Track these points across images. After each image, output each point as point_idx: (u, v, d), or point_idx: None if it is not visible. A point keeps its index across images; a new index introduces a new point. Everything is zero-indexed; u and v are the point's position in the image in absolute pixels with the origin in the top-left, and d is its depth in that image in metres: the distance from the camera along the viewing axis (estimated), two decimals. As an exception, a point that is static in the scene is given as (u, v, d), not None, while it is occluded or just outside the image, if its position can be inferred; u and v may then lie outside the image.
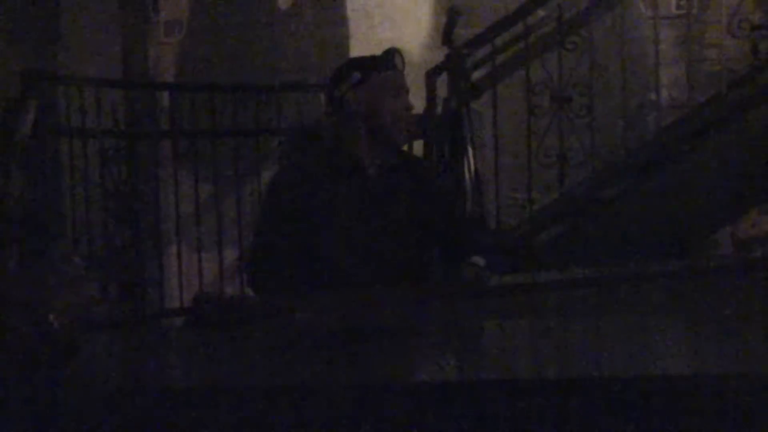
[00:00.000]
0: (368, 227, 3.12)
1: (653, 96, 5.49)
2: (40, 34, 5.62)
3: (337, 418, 1.60)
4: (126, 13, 6.04)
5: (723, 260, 5.06)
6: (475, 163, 4.79)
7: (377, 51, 3.28)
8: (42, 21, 5.65)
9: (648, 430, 1.54)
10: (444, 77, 5.06)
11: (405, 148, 4.39)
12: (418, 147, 5.06)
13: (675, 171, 5.01)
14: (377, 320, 2.59)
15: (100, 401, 1.67)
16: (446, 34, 4.90)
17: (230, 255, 5.51)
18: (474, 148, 4.81)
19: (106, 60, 5.76)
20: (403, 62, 3.28)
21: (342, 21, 5.97)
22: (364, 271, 3.07)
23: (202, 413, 1.65)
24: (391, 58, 3.24)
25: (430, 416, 1.58)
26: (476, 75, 5.22)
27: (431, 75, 5.12)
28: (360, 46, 5.85)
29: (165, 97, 5.80)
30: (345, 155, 3.19)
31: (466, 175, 4.74)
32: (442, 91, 5.08)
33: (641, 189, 5.07)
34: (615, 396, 1.57)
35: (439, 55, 5.16)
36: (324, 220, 3.10)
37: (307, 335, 2.38)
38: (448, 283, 3.21)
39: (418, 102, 5.25)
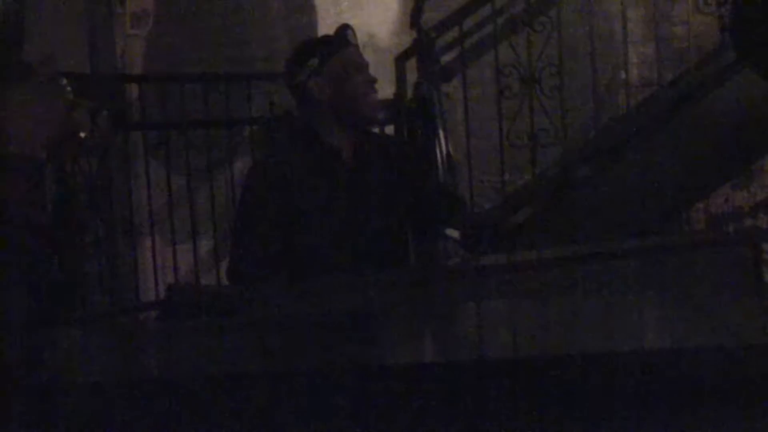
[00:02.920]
0: (347, 213, 3.10)
1: (623, 75, 5.50)
2: (3, 28, 5.57)
3: (315, 402, 1.60)
4: (92, 5, 6.00)
5: (696, 236, 5.09)
6: (447, 147, 4.80)
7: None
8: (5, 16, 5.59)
9: (624, 406, 1.55)
10: (413, 61, 5.06)
11: (377, 130, 4.40)
12: (389, 132, 5.05)
13: (646, 149, 5.03)
14: (353, 306, 2.59)
15: (79, 395, 1.66)
16: (414, 18, 4.91)
17: (204, 246, 5.50)
18: (445, 132, 4.82)
19: (73, 54, 5.72)
20: (356, 36, 3.21)
21: (310, 8, 5.95)
22: (346, 257, 3.05)
23: (178, 404, 1.65)
24: (344, 35, 3.17)
25: (407, 398, 1.59)
26: (445, 58, 5.22)
27: (400, 59, 5.12)
28: (329, 33, 5.83)
29: (134, 90, 5.76)
30: (318, 144, 3.14)
31: (439, 159, 4.75)
32: (411, 75, 5.08)
33: (613, 168, 5.08)
34: (590, 373, 1.58)
35: (407, 40, 5.17)
36: (304, 211, 3.07)
37: (283, 323, 2.38)
38: (424, 266, 3.21)
39: (388, 87, 5.26)
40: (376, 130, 5.02)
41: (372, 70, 3.24)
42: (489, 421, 1.57)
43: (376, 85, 3.21)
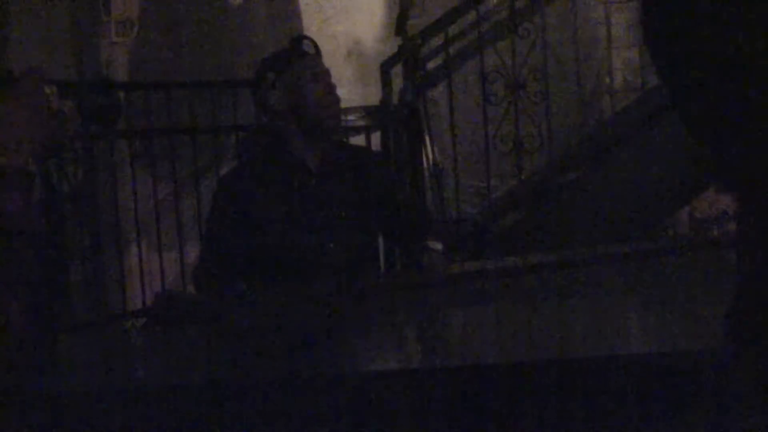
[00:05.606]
0: (312, 223, 3.12)
1: (607, 80, 5.52)
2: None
3: (300, 410, 1.61)
4: (77, 14, 6.00)
5: (682, 240, 5.11)
6: (433, 153, 4.81)
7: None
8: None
9: (612, 410, 1.56)
10: (399, 68, 5.07)
11: (348, 139, 4.43)
12: (375, 138, 5.07)
13: (631, 153, 5.05)
14: (334, 313, 2.60)
15: (71, 403, 1.66)
16: (399, 24, 4.92)
17: (191, 253, 5.49)
18: (431, 138, 4.83)
19: (58, 62, 5.72)
20: (316, 47, 3.24)
21: (295, 15, 5.95)
22: (310, 266, 3.08)
23: (166, 411, 1.65)
24: (298, 45, 3.22)
25: (394, 404, 1.59)
26: (431, 65, 5.23)
27: (386, 66, 5.13)
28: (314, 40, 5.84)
29: (120, 97, 5.75)
30: (283, 155, 3.19)
31: (424, 165, 4.76)
32: (397, 82, 5.09)
33: (598, 172, 5.10)
34: (580, 377, 1.59)
35: (393, 47, 5.17)
36: (268, 221, 3.11)
37: (265, 331, 2.38)
38: (407, 272, 3.22)
39: (374, 93, 5.27)
40: (363, 137, 5.05)
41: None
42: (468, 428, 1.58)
43: (346, 94, 3.25)
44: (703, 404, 1.55)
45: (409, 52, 4.89)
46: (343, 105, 3.31)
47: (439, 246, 3.16)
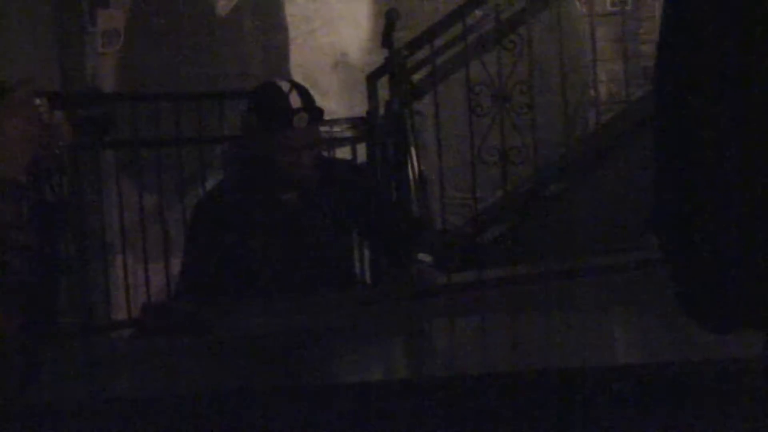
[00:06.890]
0: (286, 250, 3.11)
1: (592, 92, 5.54)
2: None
3: (292, 419, 1.61)
4: (62, 25, 5.99)
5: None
6: (419, 164, 4.82)
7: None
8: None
9: (599, 419, 1.57)
10: (385, 80, 5.08)
11: (334, 151, 4.41)
12: (361, 150, 5.08)
13: (616, 165, 5.06)
14: (323, 323, 2.61)
15: (61, 415, 1.66)
16: (385, 36, 4.93)
17: (176, 264, 5.47)
18: (417, 150, 4.84)
19: (44, 72, 5.71)
20: (315, 114, 3.07)
21: (281, 26, 5.96)
22: (287, 289, 3.06)
23: (154, 422, 1.66)
24: (286, 117, 3.03)
25: (381, 414, 1.60)
26: (417, 76, 5.24)
27: (372, 78, 5.14)
28: (300, 51, 5.85)
29: (112, 109, 5.74)
30: (255, 183, 3.16)
31: (410, 176, 4.77)
32: (383, 93, 5.10)
33: (584, 184, 5.12)
34: (566, 387, 1.59)
35: (379, 58, 5.18)
36: (243, 245, 3.09)
37: (252, 340, 2.39)
38: (395, 284, 3.22)
39: (360, 105, 5.28)
40: (348, 149, 5.06)
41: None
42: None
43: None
44: (697, 415, 1.56)
45: (395, 64, 4.90)
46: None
47: (428, 258, 3.15)
